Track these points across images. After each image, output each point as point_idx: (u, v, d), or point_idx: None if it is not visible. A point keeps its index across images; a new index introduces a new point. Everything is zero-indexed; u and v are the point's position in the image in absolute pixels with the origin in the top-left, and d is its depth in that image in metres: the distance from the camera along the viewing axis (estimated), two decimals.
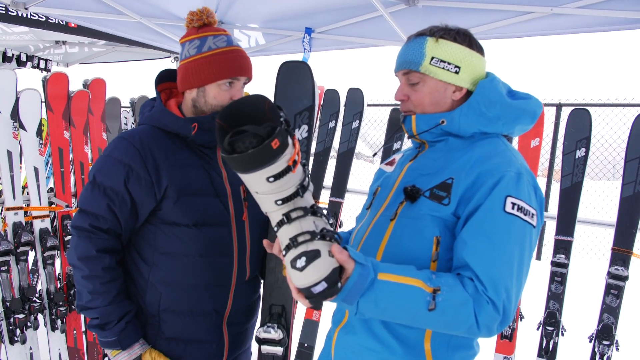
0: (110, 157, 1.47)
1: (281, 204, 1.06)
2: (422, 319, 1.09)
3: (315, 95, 1.82)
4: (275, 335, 1.65)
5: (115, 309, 1.46)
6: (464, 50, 1.26)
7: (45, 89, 2.96)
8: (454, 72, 1.25)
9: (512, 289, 1.10)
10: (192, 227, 1.48)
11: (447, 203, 1.18)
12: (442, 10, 2.84)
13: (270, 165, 1.00)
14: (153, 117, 1.54)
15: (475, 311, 1.07)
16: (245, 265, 1.58)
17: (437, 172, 1.24)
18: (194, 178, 1.51)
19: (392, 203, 1.29)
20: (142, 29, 3.46)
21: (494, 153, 1.21)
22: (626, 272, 2.65)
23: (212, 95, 1.51)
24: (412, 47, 1.28)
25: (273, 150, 0.99)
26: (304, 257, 1.03)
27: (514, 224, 1.12)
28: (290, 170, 1.03)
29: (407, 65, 1.28)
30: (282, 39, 3.58)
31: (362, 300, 1.09)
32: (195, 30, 1.54)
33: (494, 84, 1.26)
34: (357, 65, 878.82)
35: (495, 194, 1.13)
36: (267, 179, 1.02)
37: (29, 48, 4.79)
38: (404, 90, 1.31)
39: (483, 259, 1.10)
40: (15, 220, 2.75)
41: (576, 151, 2.83)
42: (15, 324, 2.64)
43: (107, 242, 1.46)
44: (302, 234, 1.05)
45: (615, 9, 2.51)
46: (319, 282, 1.03)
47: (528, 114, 1.27)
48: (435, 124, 1.26)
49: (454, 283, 1.10)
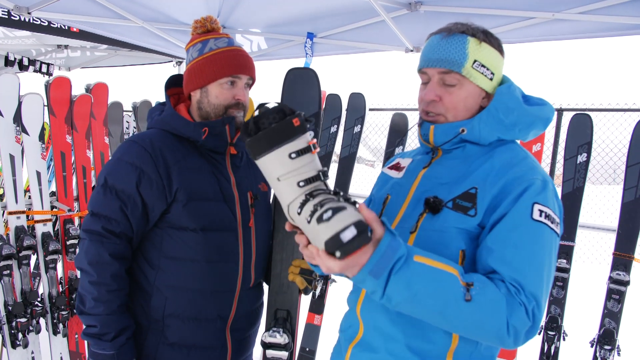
0: (121, 160, 1.48)
1: (303, 185, 1.05)
2: (455, 310, 1.01)
3: (321, 102, 1.84)
4: (281, 339, 1.66)
5: (117, 320, 1.45)
6: (498, 56, 1.22)
7: (47, 93, 2.97)
8: (490, 78, 1.20)
9: (541, 297, 1.06)
10: (199, 232, 1.48)
11: (474, 214, 1.12)
12: (444, 15, 2.85)
13: (292, 141, 1.03)
14: (163, 121, 1.55)
15: (508, 311, 1.02)
16: (250, 272, 1.58)
17: (457, 181, 1.18)
18: (203, 183, 1.51)
19: (410, 214, 1.21)
20: (145, 33, 3.47)
21: (516, 160, 1.18)
22: (628, 277, 2.65)
23: (214, 95, 1.52)
24: (452, 45, 1.18)
25: (294, 127, 1.03)
26: (330, 210, 0.97)
27: (542, 232, 1.09)
28: (311, 150, 1.05)
29: (447, 64, 1.17)
30: (284, 44, 3.60)
31: (394, 279, 0.99)
32: (199, 35, 1.57)
33: (511, 90, 1.22)
34: (359, 70, 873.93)
35: (523, 201, 1.10)
36: (290, 155, 1.03)
37: (31, 52, 4.80)
38: (436, 90, 1.20)
39: (512, 265, 1.06)
40: (18, 224, 2.75)
41: (577, 156, 2.83)
42: (17, 328, 2.63)
43: (118, 247, 1.45)
44: (327, 199, 1.02)
45: (616, 15, 2.52)
46: (347, 227, 0.94)
47: (542, 120, 1.24)
48: (455, 134, 1.20)
49: (487, 281, 1.04)
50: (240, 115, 1.55)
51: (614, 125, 4.89)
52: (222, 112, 1.53)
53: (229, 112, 1.53)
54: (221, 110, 1.53)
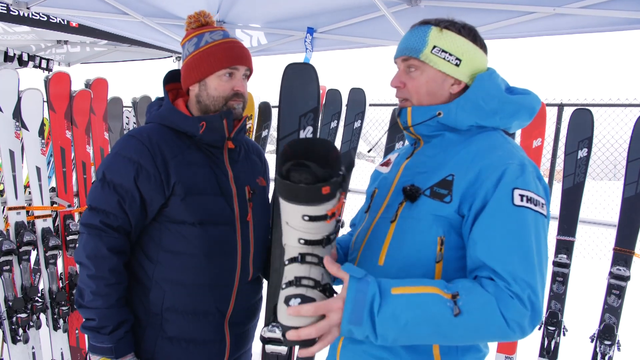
0: (119, 155, 1.48)
1: (303, 244, 1.09)
2: (449, 328, 1.02)
3: (320, 97, 1.83)
4: (280, 334, 1.65)
5: (115, 314, 1.45)
6: (467, 43, 1.23)
7: (47, 88, 2.96)
8: (455, 64, 1.22)
9: (535, 281, 1.05)
10: (197, 226, 1.49)
11: (449, 201, 1.14)
12: (445, 10, 2.84)
13: (311, 206, 1.04)
14: (161, 115, 1.55)
15: (501, 309, 1.02)
16: (248, 266, 1.58)
17: (436, 169, 1.20)
18: (200, 177, 1.51)
19: (391, 204, 1.24)
20: (144, 28, 3.46)
21: (493, 146, 1.18)
22: (628, 272, 2.65)
23: (213, 87, 1.52)
24: (415, 35, 1.25)
25: (321, 195, 1.02)
26: (299, 299, 1.05)
27: (526, 216, 1.08)
28: (326, 219, 1.07)
29: (407, 51, 1.24)
30: (284, 39, 3.59)
31: (379, 319, 1.02)
32: (194, 30, 1.58)
33: (493, 77, 1.24)
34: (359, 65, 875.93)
35: (502, 188, 1.10)
36: (303, 217, 1.05)
37: (31, 48, 4.79)
38: (401, 77, 1.27)
39: (499, 255, 1.06)
40: (18, 220, 2.75)
41: (578, 151, 2.83)
42: (18, 324, 2.64)
43: (117, 241, 1.45)
44: (307, 279, 1.07)
45: (617, 9, 2.51)
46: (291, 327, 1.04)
47: (526, 109, 1.25)
48: (431, 116, 1.23)
49: (471, 285, 1.05)
50: (239, 107, 1.55)
51: (615, 121, 4.88)
52: (221, 104, 1.53)
53: (229, 104, 1.53)
54: (221, 102, 1.53)
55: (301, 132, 1.82)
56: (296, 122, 1.82)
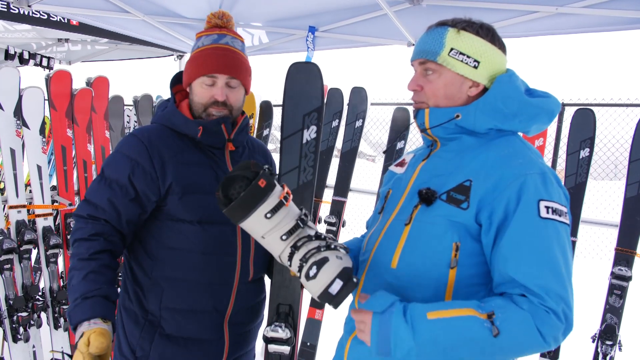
0: (119, 152, 1.51)
1: (286, 238, 1.14)
2: (490, 349, 1.03)
3: (324, 96, 1.82)
4: (283, 334, 1.66)
5: (83, 285, 1.37)
6: (486, 44, 1.21)
7: (48, 86, 2.96)
8: (473, 66, 1.20)
9: (567, 294, 1.06)
10: (196, 224, 1.49)
11: (466, 207, 1.12)
12: (447, 9, 2.83)
13: (263, 202, 1.12)
14: (164, 117, 1.57)
15: (537, 325, 1.03)
16: (248, 266, 1.58)
17: (452, 173, 1.18)
18: (200, 176, 1.52)
19: (406, 206, 1.23)
20: (145, 27, 3.45)
21: (513, 153, 1.16)
22: (630, 272, 2.65)
23: (195, 93, 1.53)
24: (432, 37, 1.22)
25: (262, 189, 1.11)
26: (314, 266, 1.09)
27: (553, 228, 1.08)
28: (284, 204, 1.13)
29: (424, 54, 1.22)
30: (285, 38, 3.58)
31: (418, 342, 1.04)
32: (205, 30, 1.58)
33: (512, 79, 1.21)
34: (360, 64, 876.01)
35: (526, 200, 1.08)
36: (265, 216, 1.12)
37: (32, 46, 4.78)
38: (418, 80, 1.25)
39: (530, 271, 1.06)
40: (19, 219, 2.75)
41: (580, 151, 2.82)
42: (19, 322, 2.64)
43: (102, 227, 1.45)
44: (309, 251, 1.12)
45: (620, 9, 2.50)
46: (332, 281, 1.07)
47: (546, 112, 1.23)
48: (449, 118, 1.20)
49: (505, 303, 1.05)
50: (220, 114, 1.52)
51: (617, 121, 4.87)
52: (201, 111, 1.53)
53: (208, 111, 1.52)
54: (200, 109, 1.52)
55: (305, 131, 1.82)
56: (300, 122, 1.81)
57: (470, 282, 1.14)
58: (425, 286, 1.15)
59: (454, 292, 1.14)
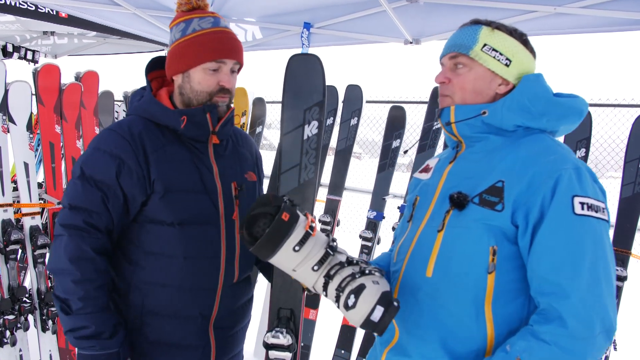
0: (98, 150, 1.39)
1: (318, 269, 1.13)
2: None
3: (325, 91, 1.76)
4: (284, 340, 1.61)
5: (111, 316, 1.37)
6: (518, 45, 1.21)
7: (35, 81, 2.86)
8: (505, 64, 1.19)
9: (603, 297, 1.04)
10: (177, 226, 1.40)
11: (501, 209, 1.09)
12: (444, 7, 2.82)
13: (289, 236, 1.10)
14: (141, 108, 1.46)
15: (566, 353, 1.02)
16: (233, 267, 1.50)
17: (483, 174, 1.15)
18: (182, 173, 1.42)
19: (437, 212, 1.19)
20: (136, 20, 3.38)
21: (544, 150, 1.14)
22: (625, 272, 2.66)
23: (196, 81, 1.42)
24: (465, 32, 1.22)
25: (286, 222, 1.10)
26: (352, 295, 1.07)
27: (589, 226, 1.05)
28: (310, 234, 1.12)
29: (456, 48, 1.22)
30: (279, 34, 3.53)
31: None
32: (183, 13, 1.46)
33: (540, 79, 1.21)
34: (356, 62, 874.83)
35: (560, 197, 1.06)
36: (294, 249, 1.11)
37: (15, 38, 4.64)
38: (446, 73, 1.24)
39: (565, 274, 1.04)
40: (5, 218, 2.65)
41: (576, 151, 2.82)
42: (5, 326, 2.55)
43: (100, 241, 1.36)
44: (344, 279, 1.11)
45: (618, 10, 2.51)
46: (373, 308, 1.06)
47: (575, 112, 1.21)
48: (476, 114, 1.19)
49: (528, 345, 1.03)
50: (224, 104, 1.45)
51: (612, 121, 4.92)
52: (205, 99, 1.43)
53: (214, 100, 1.43)
54: (204, 98, 1.43)
55: (306, 126, 1.76)
56: (301, 117, 1.75)
57: (510, 287, 1.11)
58: (464, 294, 1.12)
59: (494, 298, 1.11)
